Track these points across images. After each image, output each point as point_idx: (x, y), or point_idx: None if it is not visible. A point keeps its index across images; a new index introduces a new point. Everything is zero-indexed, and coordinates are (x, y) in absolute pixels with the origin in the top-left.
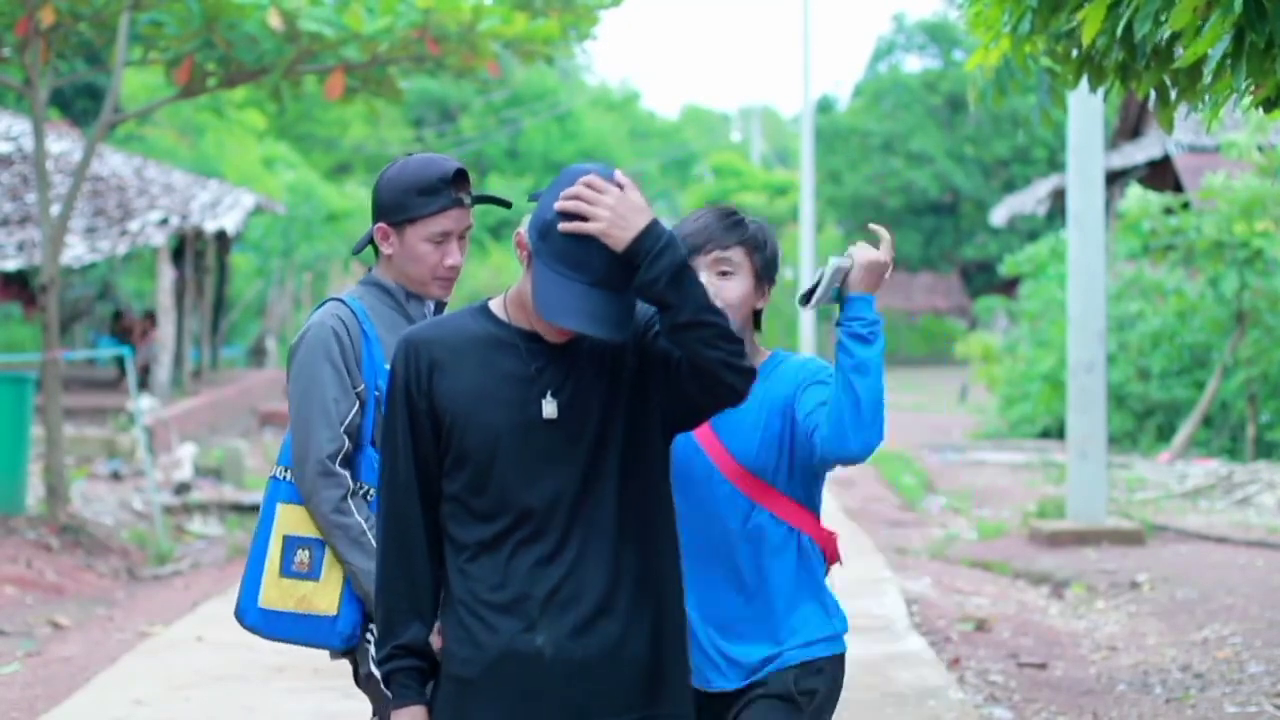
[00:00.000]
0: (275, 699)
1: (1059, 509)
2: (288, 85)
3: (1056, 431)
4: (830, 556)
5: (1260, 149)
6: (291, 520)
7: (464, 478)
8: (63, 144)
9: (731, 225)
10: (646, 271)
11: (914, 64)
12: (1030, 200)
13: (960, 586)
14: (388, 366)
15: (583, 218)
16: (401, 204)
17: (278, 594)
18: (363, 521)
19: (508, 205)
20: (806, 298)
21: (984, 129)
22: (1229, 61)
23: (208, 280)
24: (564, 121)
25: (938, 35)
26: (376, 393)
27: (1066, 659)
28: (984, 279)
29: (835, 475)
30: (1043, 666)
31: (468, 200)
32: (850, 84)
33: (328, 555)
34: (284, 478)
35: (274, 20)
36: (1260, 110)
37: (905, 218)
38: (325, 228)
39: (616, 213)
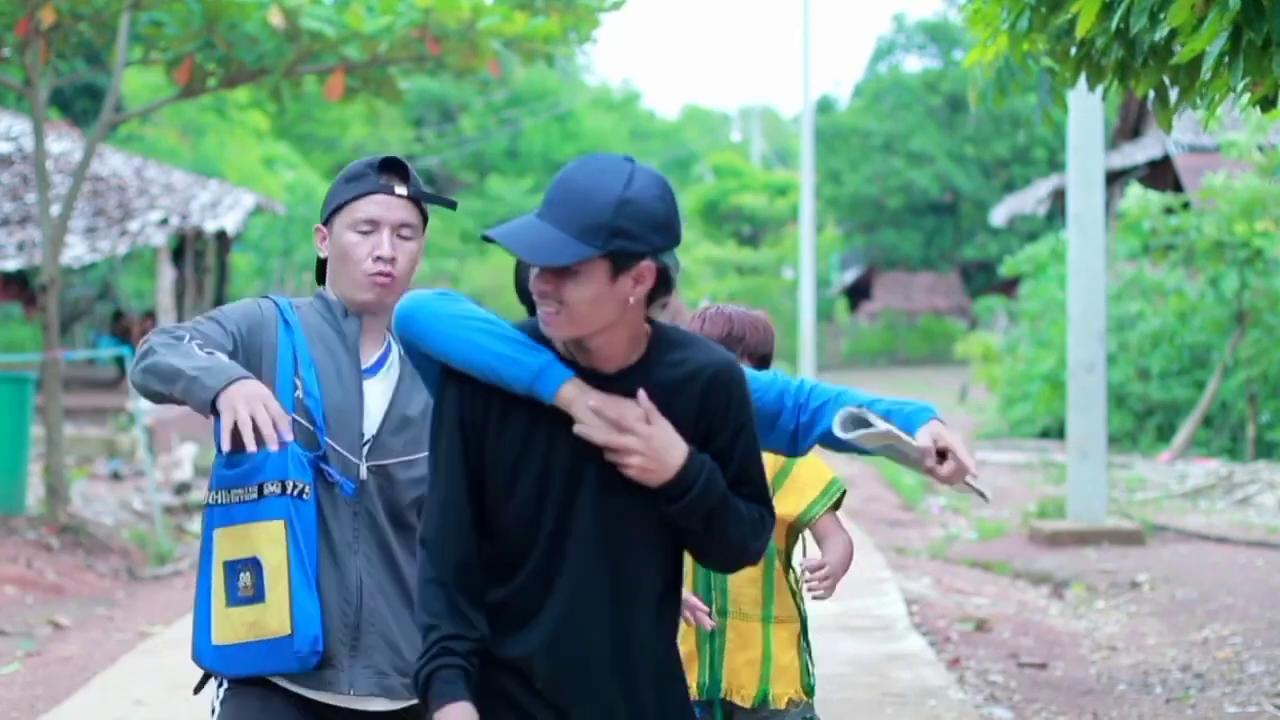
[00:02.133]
0: None
1: (1059, 509)
2: (288, 85)
3: (1056, 431)
4: None
5: (1260, 149)
6: (229, 545)
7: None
8: (63, 144)
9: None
10: (681, 516)
11: (914, 64)
12: (1030, 200)
13: (960, 586)
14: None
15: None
16: (331, 196)
17: (229, 627)
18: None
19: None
20: (855, 424)
21: (984, 129)
22: (1226, 59)
23: (208, 280)
24: (564, 121)
25: (938, 35)
26: (297, 393)
27: (1066, 659)
28: (984, 279)
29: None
30: (1043, 666)
31: (402, 190)
32: (850, 84)
33: (268, 572)
34: (217, 502)
35: (275, 18)
36: (1258, 109)
37: (905, 218)
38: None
39: (650, 454)
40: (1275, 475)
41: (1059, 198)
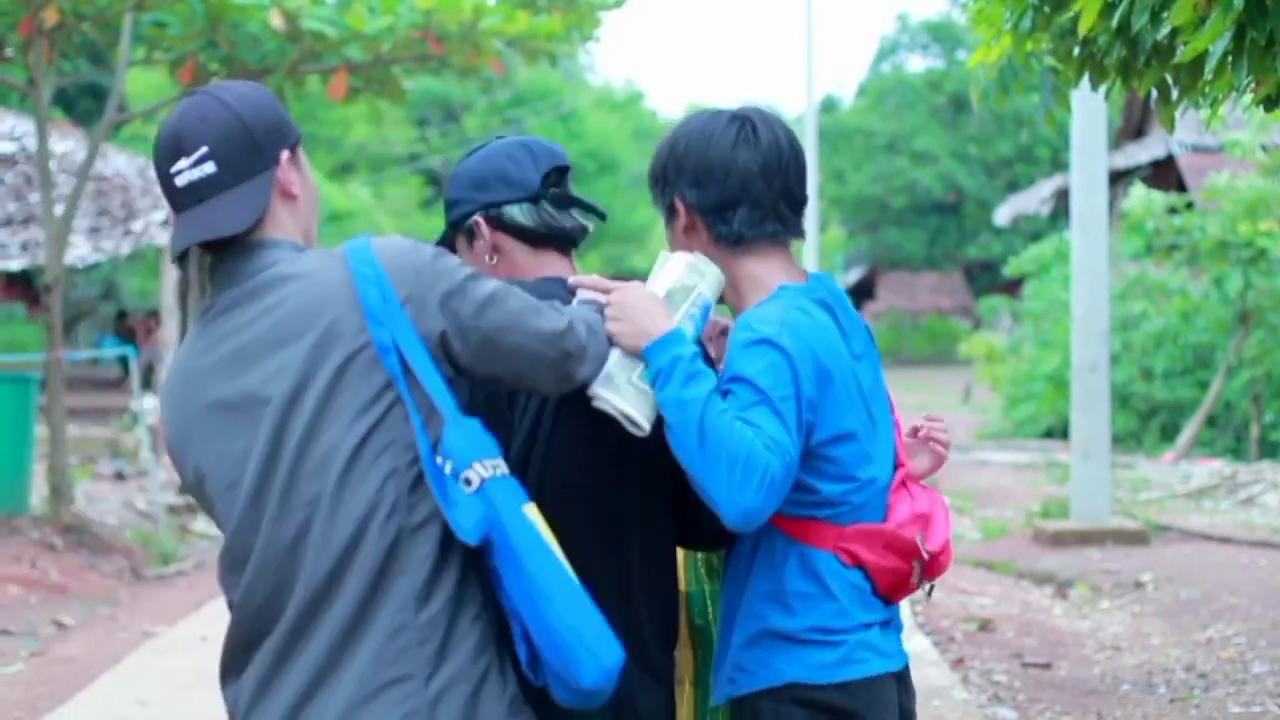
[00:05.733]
0: None
1: (1063, 509)
2: (291, 85)
3: (1060, 431)
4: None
5: (1264, 148)
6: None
7: None
8: (66, 144)
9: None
10: None
11: (918, 63)
12: (1034, 200)
13: (964, 586)
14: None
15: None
16: (286, 121)
17: None
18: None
19: None
20: None
21: (988, 128)
22: (1229, 59)
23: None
24: (568, 121)
25: (941, 35)
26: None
27: (1070, 659)
28: (988, 279)
29: None
30: (1047, 666)
31: None
32: (854, 83)
33: None
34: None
35: (276, 20)
36: (1261, 108)
37: (909, 217)
38: (328, 228)
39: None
40: (1279, 475)
41: (1062, 197)
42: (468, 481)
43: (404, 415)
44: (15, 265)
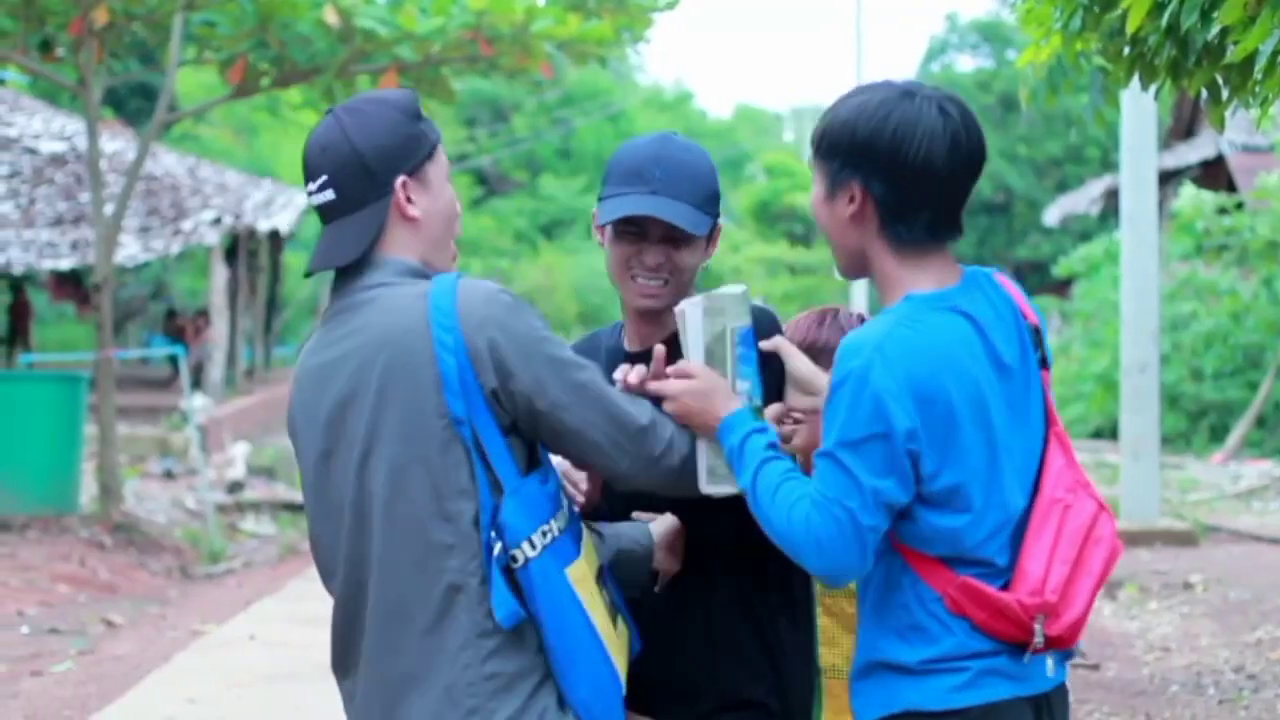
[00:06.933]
0: (327, 698)
1: (1112, 509)
2: (341, 85)
3: (1109, 432)
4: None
5: None
6: (585, 574)
7: None
8: (116, 143)
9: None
10: None
11: (967, 64)
12: (1083, 200)
13: None
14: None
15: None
16: (416, 136)
17: (622, 660)
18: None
19: None
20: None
21: (1037, 129)
22: (1279, 58)
23: (260, 280)
24: (617, 121)
25: (990, 35)
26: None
27: (1119, 660)
28: (1037, 279)
29: None
30: (1095, 667)
31: None
32: None
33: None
34: (555, 536)
35: (330, 16)
36: None
37: None
38: None
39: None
40: None
41: (1112, 198)
42: (514, 559)
43: (466, 463)
44: (65, 264)
